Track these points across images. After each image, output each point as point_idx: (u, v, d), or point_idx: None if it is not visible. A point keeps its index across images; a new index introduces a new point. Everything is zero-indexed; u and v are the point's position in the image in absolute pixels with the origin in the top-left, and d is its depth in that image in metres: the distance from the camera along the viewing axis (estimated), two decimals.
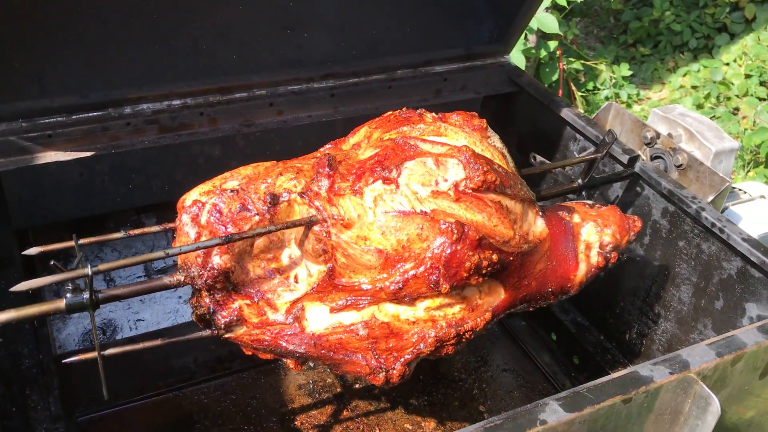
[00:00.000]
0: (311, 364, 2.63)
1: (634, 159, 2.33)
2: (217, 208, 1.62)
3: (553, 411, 1.48)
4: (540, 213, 1.84)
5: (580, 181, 2.21)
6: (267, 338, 1.67)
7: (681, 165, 2.28)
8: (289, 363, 1.75)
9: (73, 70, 2.13)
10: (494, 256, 1.64)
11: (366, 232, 1.60)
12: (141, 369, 2.44)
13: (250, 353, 1.75)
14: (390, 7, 2.54)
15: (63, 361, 1.62)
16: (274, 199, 1.64)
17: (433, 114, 1.84)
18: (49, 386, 2.30)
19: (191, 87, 2.30)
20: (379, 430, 2.43)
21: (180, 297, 2.78)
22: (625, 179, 2.36)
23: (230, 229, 1.62)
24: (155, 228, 1.68)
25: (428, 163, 1.65)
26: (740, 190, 2.56)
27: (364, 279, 1.63)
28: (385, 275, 1.61)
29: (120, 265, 1.56)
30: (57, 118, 2.15)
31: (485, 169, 1.64)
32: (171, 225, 1.69)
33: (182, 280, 1.66)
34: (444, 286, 1.60)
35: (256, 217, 1.62)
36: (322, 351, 1.68)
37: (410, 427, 2.45)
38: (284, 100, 2.45)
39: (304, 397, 2.51)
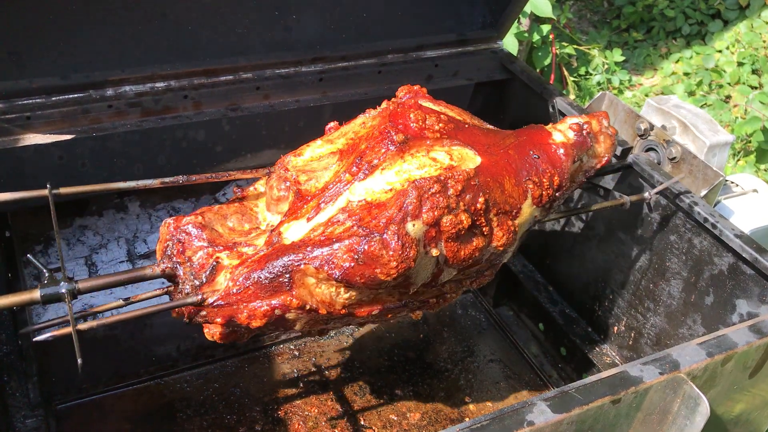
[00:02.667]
0: (296, 354, 2.60)
1: (627, 151, 2.29)
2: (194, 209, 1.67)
3: (540, 412, 1.45)
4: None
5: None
6: (249, 274, 1.57)
7: (674, 158, 2.25)
8: (285, 299, 1.59)
9: (53, 50, 2.07)
10: (441, 116, 1.75)
11: (317, 151, 1.74)
12: (122, 356, 2.40)
13: (245, 320, 1.60)
14: None
15: (34, 339, 1.56)
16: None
17: None
18: (27, 373, 2.25)
19: (175, 69, 2.24)
20: (364, 420, 2.41)
21: (163, 282, 2.72)
22: (618, 171, 2.32)
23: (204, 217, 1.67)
24: (156, 292, 1.68)
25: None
26: (732, 183, 2.53)
27: (328, 178, 1.68)
28: (343, 161, 1.69)
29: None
30: (36, 99, 2.08)
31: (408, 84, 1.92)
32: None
33: (164, 269, 1.64)
34: (398, 135, 1.65)
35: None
36: (310, 252, 1.55)
37: (395, 418, 2.43)
38: (271, 84, 2.39)
39: (288, 387, 2.48)
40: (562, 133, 1.94)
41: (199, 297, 1.59)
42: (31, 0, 1.95)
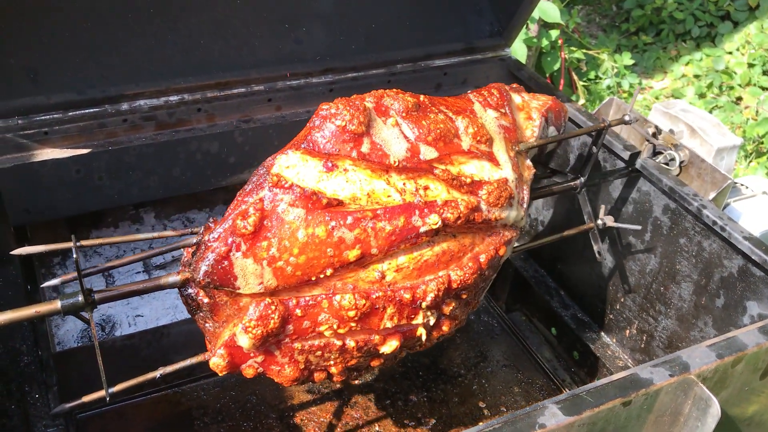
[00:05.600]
0: None
1: (635, 155, 2.31)
2: None
3: (552, 414, 1.47)
4: None
5: (582, 179, 2.19)
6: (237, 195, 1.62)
7: (683, 161, 2.27)
8: (268, 180, 1.62)
9: (69, 66, 2.12)
10: None
11: None
12: (140, 365, 2.43)
13: (240, 224, 1.58)
14: (389, 0, 2.52)
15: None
16: None
17: None
18: (48, 383, 2.29)
19: (188, 83, 2.28)
20: (379, 426, 2.43)
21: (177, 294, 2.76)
22: (626, 176, 2.34)
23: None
24: (190, 360, 1.83)
25: None
26: (742, 185, 2.54)
27: None
28: None
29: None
30: (53, 114, 2.13)
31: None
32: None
33: (179, 280, 1.67)
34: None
35: None
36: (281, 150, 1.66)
37: (410, 424, 2.45)
38: (282, 96, 2.43)
39: (303, 394, 2.51)
40: None
41: (201, 236, 1.60)
42: (47, 18, 2.00)
